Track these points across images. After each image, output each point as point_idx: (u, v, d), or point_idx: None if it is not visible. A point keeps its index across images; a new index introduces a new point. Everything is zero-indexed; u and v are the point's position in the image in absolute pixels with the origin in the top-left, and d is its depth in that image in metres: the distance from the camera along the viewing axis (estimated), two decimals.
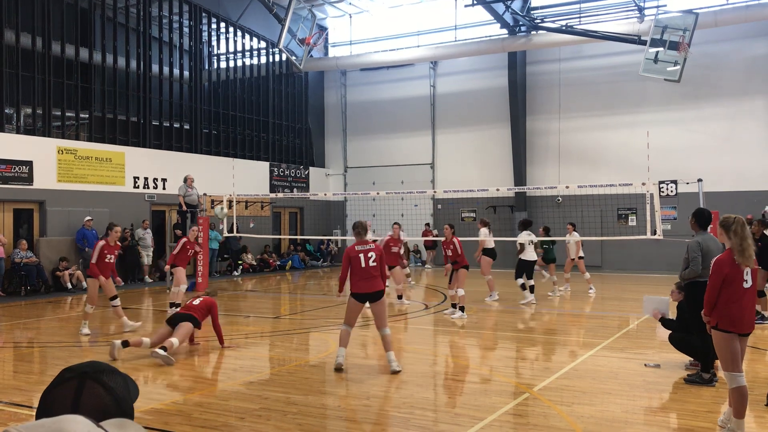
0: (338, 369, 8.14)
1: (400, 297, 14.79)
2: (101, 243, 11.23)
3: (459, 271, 12.70)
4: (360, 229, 8.38)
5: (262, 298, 17.52)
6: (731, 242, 5.56)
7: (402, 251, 15.61)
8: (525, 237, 14.81)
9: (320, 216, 27.62)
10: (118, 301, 11.45)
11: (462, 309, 12.64)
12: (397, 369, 8.08)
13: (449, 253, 12.79)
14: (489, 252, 15.27)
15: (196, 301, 9.80)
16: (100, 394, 1.49)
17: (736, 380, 5.47)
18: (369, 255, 8.20)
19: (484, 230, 15.30)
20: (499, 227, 23.61)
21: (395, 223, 15.37)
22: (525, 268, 14.80)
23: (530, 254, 14.83)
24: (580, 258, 16.60)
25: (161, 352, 8.63)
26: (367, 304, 8.45)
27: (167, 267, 12.80)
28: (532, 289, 14.96)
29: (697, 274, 7.38)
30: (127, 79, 21.06)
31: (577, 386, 7.45)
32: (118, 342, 9.05)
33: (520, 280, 14.89)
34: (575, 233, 16.50)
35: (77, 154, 18.71)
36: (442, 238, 13.11)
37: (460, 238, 12.82)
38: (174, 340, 8.90)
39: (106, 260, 11.10)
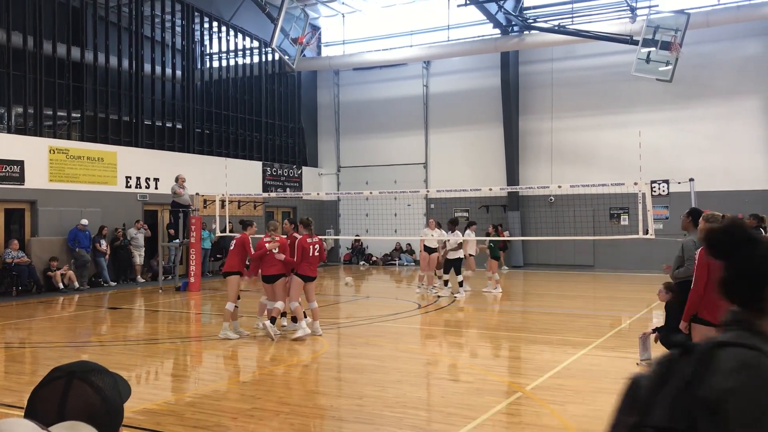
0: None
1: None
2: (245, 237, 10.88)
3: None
4: (311, 225, 10.76)
5: (255, 297, 17.44)
6: None
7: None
8: (452, 236, 15.73)
9: (313, 215, 27.34)
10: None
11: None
12: (319, 333, 10.50)
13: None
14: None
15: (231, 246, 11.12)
16: (88, 393, 1.48)
17: None
18: (315, 246, 10.61)
19: (469, 232, 16.48)
20: None
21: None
22: (452, 265, 15.68)
23: (458, 252, 15.62)
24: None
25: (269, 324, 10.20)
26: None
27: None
28: (460, 284, 15.73)
29: (691, 273, 7.41)
30: (119, 78, 20.98)
31: (569, 385, 7.47)
32: (267, 322, 10.29)
33: (446, 277, 15.69)
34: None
35: (69, 153, 18.63)
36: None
37: (448, 238, 13.10)
38: (278, 304, 10.49)
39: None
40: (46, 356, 9.58)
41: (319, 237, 11.19)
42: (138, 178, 20.54)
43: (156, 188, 20.95)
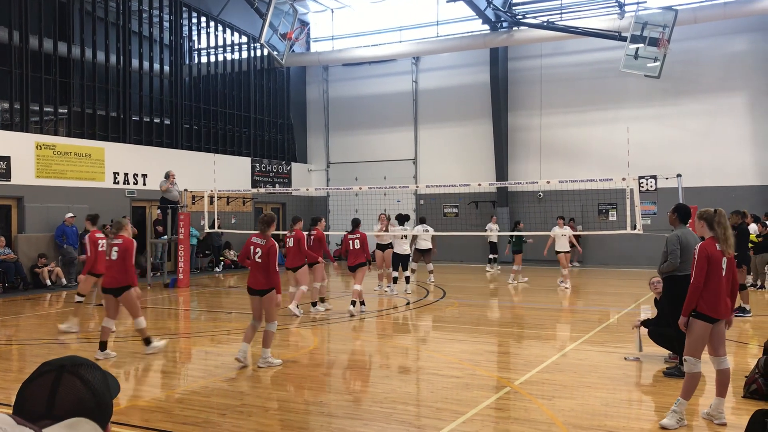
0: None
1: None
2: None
3: None
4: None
5: (245, 294, 17.36)
6: (715, 232, 5.91)
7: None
8: (400, 231, 15.89)
9: (303, 212, 27.50)
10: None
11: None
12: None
13: None
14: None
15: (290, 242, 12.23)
16: (78, 387, 1.48)
17: (696, 366, 5.82)
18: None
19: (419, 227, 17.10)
20: (482, 222, 23.69)
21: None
22: (399, 261, 15.75)
23: (404, 247, 15.75)
24: (568, 252, 16.93)
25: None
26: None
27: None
28: (407, 280, 15.86)
29: (675, 267, 7.48)
30: (106, 73, 20.83)
31: (557, 380, 7.51)
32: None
33: (395, 273, 15.79)
34: (566, 227, 16.96)
35: (56, 149, 18.50)
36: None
37: (442, 233, 13.11)
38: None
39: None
40: (34, 353, 9.52)
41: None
42: (126, 174, 20.43)
43: (144, 184, 20.85)
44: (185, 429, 5.89)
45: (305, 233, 12.83)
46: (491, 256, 22.16)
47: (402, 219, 16.20)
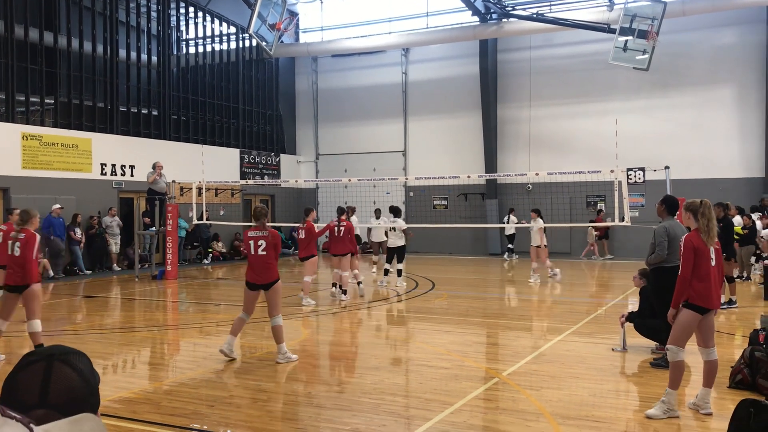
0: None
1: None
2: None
3: None
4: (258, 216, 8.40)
5: (233, 286, 17.37)
6: (698, 223, 5.93)
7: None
8: (389, 224, 15.96)
9: (292, 203, 27.48)
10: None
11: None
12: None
13: None
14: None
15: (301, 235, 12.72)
16: (70, 375, 1.48)
17: (679, 355, 5.86)
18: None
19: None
20: (471, 214, 23.75)
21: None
22: (394, 253, 15.73)
23: (397, 240, 15.67)
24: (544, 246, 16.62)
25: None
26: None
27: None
28: (399, 272, 15.72)
29: (663, 258, 7.52)
30: (93, 63, 20.65)
31: (545, 371, 7.54)
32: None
33: (388, 266, 15.77)
34: (539, 220, 16.61)
35: (42, 140, 18.34)
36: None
37: (430, 225, 13.09)
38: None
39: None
40: (20, 345, 9.46)
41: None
42: (113, 166, 20.30)
43: (132, 176, 20.72)
44: (173, 420, 5.88)
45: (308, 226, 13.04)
46: (510, 246, 23.11)
47: (395, 211, 16.08)
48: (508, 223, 22.09)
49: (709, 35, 22.52)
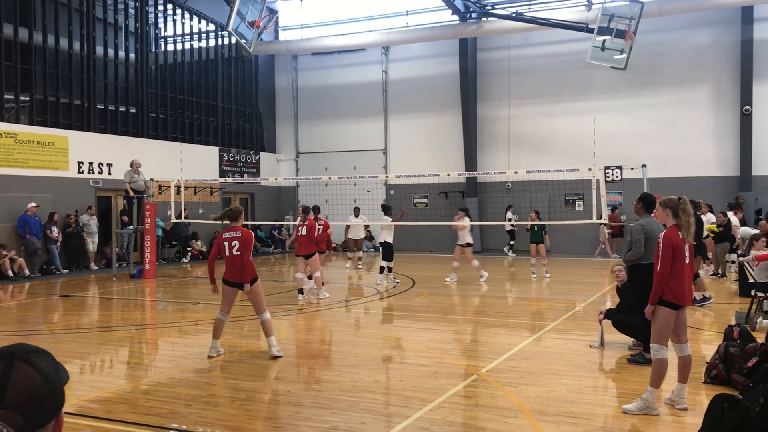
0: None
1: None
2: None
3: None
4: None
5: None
6: (679, 219, 5.94)
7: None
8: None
9: (272, 202, 27.38)
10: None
11: None
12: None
13: None
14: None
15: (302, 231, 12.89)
16: (30, 374, 1.45)
17: (662, 353, 5.87)
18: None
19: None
20: (452, 212, 23.73)
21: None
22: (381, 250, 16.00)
23: (388, 236, 15.90)
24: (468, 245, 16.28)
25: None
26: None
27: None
28: (390, 270, 15.91)
29: (639, 255, 7.59)
30: (70, 60, 20.40)
31: (524, 367, 7.59)
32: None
33: (384, 263, 15.89)
34: (466, 218, 16.32)
35: (18, 137, 18.09)
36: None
37: (412, 223, 13.27)
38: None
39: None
40: None
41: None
42: (90, 164, 20.08)
43: (109, 174, 20.51)
44: (150, 420, 5.83)
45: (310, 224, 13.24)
46: (511, 242, 23.76)
47: (385, 209, 16.44)
48: (509, 220, 22.76)
49: (685, 35, 22.77)
